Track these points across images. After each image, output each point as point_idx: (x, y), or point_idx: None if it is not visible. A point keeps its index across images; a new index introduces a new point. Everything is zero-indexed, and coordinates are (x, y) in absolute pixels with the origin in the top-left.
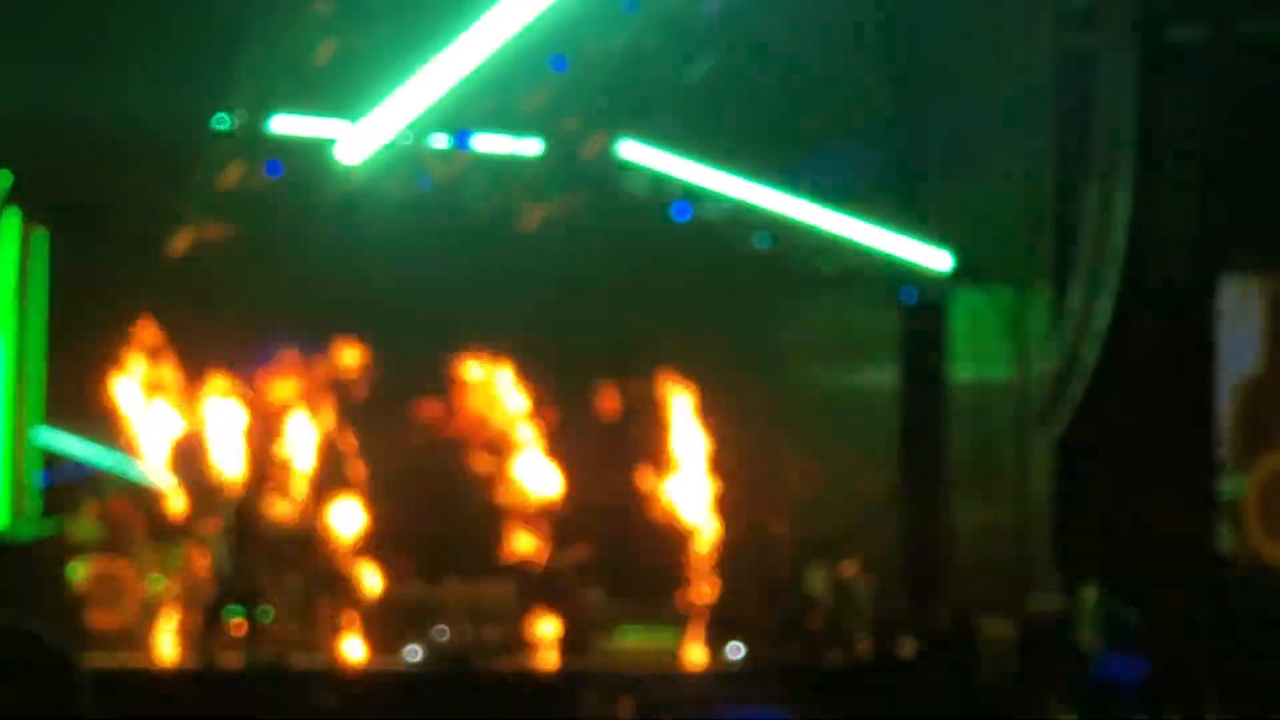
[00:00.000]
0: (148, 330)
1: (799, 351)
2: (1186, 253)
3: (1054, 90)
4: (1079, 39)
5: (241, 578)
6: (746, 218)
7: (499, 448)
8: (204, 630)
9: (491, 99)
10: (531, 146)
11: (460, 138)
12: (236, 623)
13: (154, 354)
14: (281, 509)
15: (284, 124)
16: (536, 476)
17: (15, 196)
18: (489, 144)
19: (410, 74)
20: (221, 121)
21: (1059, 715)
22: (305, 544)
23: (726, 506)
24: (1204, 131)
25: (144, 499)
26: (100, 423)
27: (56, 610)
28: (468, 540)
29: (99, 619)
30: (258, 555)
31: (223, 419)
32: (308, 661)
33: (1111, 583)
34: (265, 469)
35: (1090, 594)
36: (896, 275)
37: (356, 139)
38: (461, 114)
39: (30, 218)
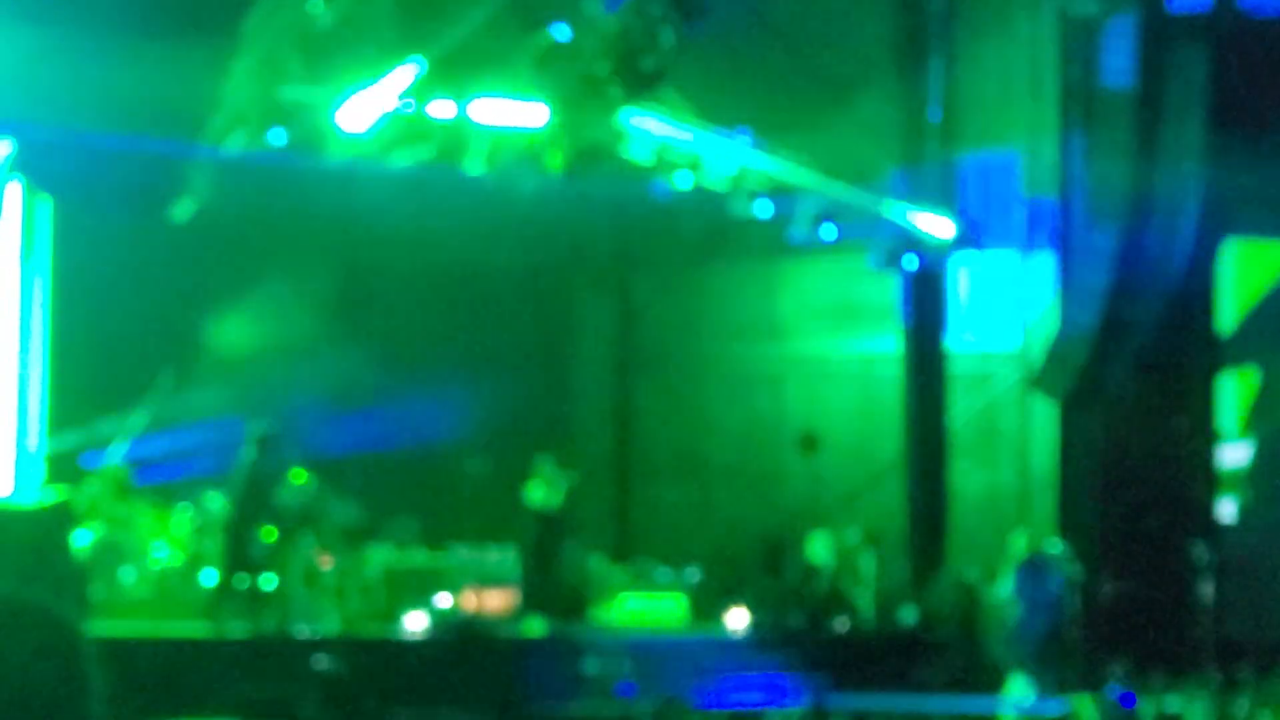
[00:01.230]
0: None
1: (800, 318)
2: (1188, 219)
3: (1058, 57)
4: (1083, 6)
5: (248, 546)
6: (748, 185)
7: None
8: (210, 598)
9: (495, 66)
10: (535, 114)
11: (463, 106)
12: (243, 590)
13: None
14: (289, 476)
15: (288, 92)
16: None
17: (20, 164)
18: (492, 112)
19: (413, 42)
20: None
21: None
22: (311, 511)
23: (735, 475)
24: (1206, 98)
25: (148, 467)
26: (106, 391)
27: (61, 578)
28: (471, 508)
29: (103, 587)
30: (265, 523)
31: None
32: (312, 629)
33: (1098, 545)
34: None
35: (1019, 543)
36: (899, 242)
37: (359, 107)
38: (465, 82)
39: (35, 185)
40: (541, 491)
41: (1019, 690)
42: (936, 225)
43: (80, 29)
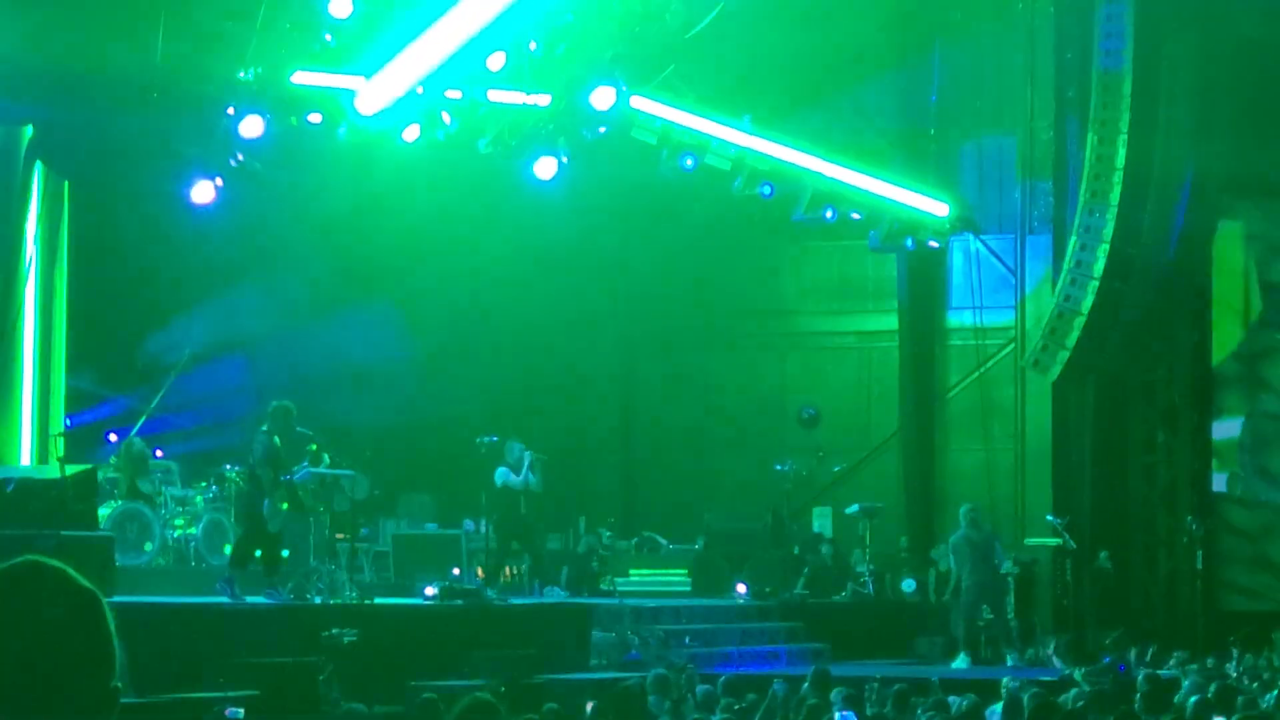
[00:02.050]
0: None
1: (802, 297)
2: (1181, 199)
3: (1054, 40)
4: None
5: (265, 518)
6: (752, 167)
7: None
8: (230, 567)
9: (503, 51)
10: (542, 99)
11: (473, 90)
12: (259, 561)
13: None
14: (305, 450)
15: (302, 77)
16: None
17: (39, 149)
18: (501, 96)
19: (425, 26)
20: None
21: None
22: (326, 484)
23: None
24: (1200, 80)
25: (168, 441)
26: (125, 367)
27: (84, 548)
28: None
29: (124, 558)
30: (281, 495)
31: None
32: (327, 599)
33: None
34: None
35: (961, 518)
36: (898, 222)
37: (373, 91)
38: (474, 66)
39: (53, 169)
40: (508, 472)
41: (962, 663)
42: (934, 206)
43: (98, 12)
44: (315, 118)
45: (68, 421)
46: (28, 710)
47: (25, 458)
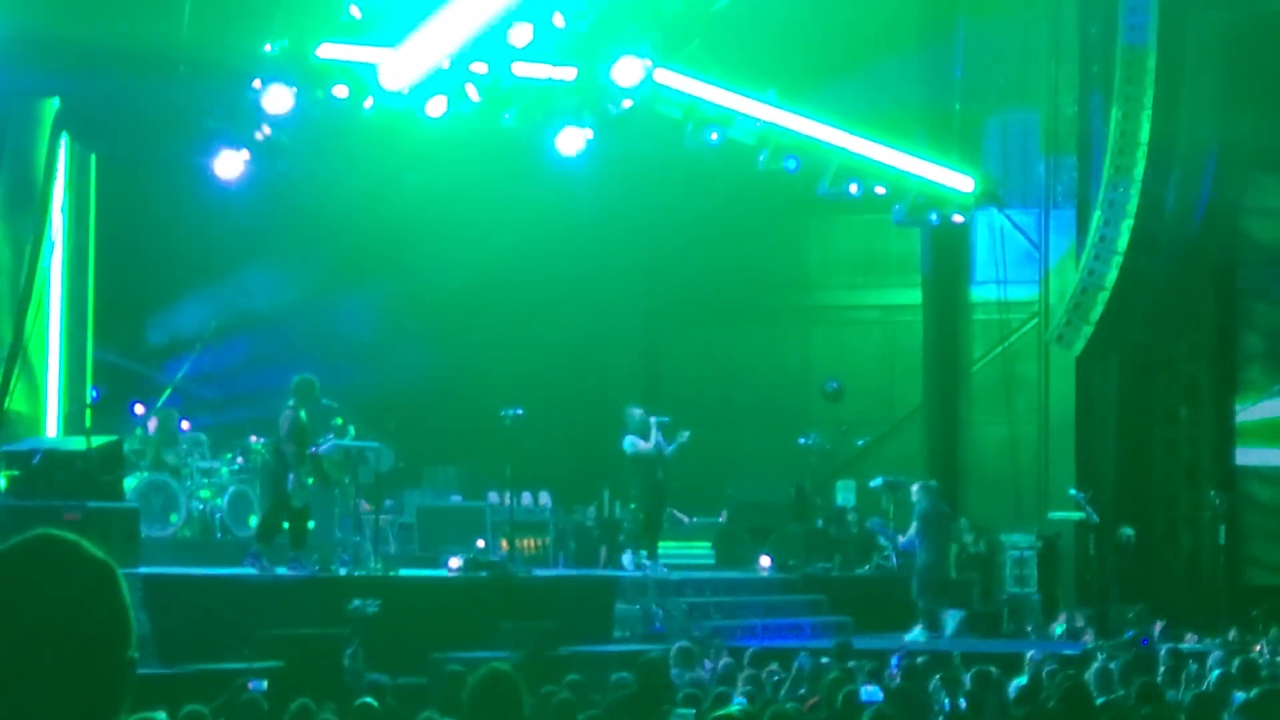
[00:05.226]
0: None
1: (826, 270)
2: (1207, 174)
3: (1078, 14)
4: None
5: (290, 490)
6: (776, 141)
7: None
8: (257, 540)
9: (528, 24)
10: (567, 73)
11: (499, 64)
12: (284, 533)
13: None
14: (330, 422)
15: (328, 50)
16: None
17: (65, 121)
18: (527, 70)
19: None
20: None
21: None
22: (351, 456)
23: (762, 422)
24: (1224, 54)
25: (194, 413)
26: (152, 340)
27: (109, 520)
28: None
29: (150, 529)
30: (306, 468)
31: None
32: (352, 571)
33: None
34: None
35: (919, 493)
36: (922, 197)
37: (398, 65)
38: (500, 40)
39: (80, 142)
40: (637, 439)
41: (918, 634)
42: (959, 180)
43: None
44: (341, 91)
45: (94, 393)
46: (44, 683)
47: (53, 429)
